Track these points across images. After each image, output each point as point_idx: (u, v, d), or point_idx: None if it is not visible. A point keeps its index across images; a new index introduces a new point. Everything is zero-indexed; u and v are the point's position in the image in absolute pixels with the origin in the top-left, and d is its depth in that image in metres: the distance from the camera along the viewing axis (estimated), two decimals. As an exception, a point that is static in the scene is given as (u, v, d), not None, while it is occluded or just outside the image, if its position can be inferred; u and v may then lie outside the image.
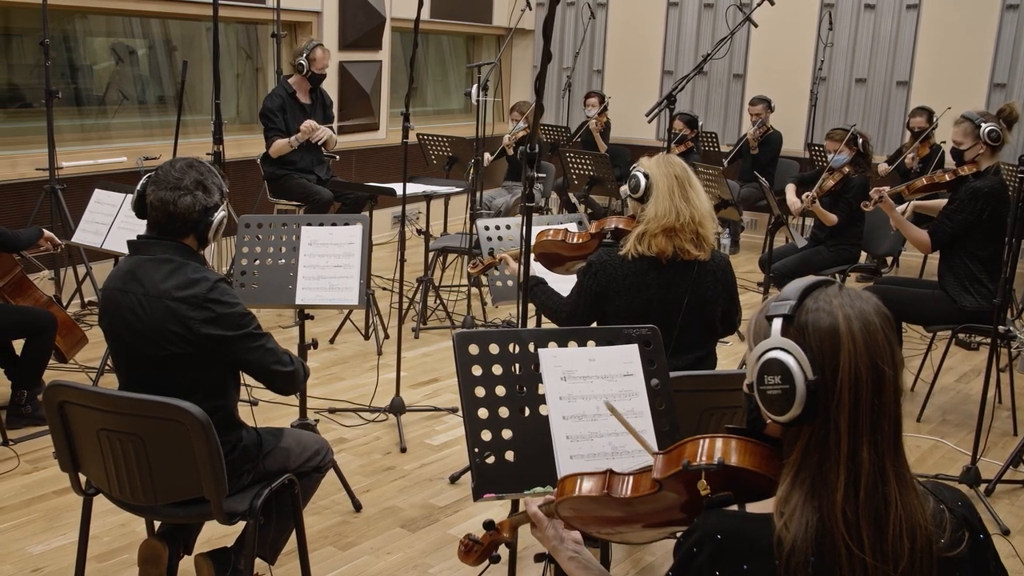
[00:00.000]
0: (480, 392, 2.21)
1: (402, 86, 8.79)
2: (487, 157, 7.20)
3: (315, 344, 3.74)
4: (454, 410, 4.69)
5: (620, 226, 3.39)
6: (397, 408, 4.51)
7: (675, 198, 3.15)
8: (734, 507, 1.46)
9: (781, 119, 8.27)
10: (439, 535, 3.58)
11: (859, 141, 5.72)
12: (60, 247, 4.68)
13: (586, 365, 2.27)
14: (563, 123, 9.22)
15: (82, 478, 2.75)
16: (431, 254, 6.13)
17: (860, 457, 1.39)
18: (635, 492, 1.63)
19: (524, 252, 2.70)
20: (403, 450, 4.29)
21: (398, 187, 4.84)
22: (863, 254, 6.41)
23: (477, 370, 2.22)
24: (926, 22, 8.15)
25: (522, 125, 7.36)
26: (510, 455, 2.19)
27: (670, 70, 9.40)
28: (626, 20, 9.63)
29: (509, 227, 4.29)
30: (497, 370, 2.24)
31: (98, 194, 5.02)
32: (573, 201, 7.25)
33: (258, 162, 6.43)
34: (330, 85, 7.75)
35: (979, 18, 7.90)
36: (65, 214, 5.59)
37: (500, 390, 2.22)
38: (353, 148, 8.16)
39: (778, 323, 1.44)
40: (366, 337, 5.76)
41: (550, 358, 2.26)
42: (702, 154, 8.21)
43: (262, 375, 2.70)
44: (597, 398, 2.24)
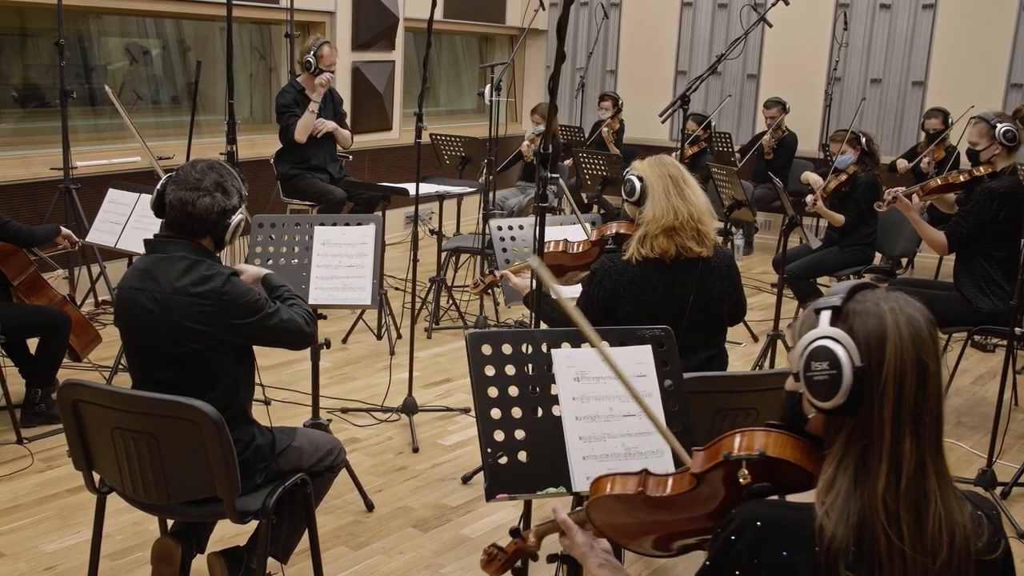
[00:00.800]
0: (493, 392, 2.20)
1: (415, 86, 8.80)
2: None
3: (328, 344, 3.74)
4: (466, 410, 4.68)
5: (621, 231, 3.38)
6: (409, 408, 4.51)
7: (671, 197, 3.13)
8: (774, 497, 1.48)
9: (795, 120, 8.23)
10: (451, 535, 3.57)
11: (862, 140, 5.70)
12: (78, 245, 4.70)
13: (599, 366, 2.26)
14: (576, 123, 9.21)
15: (96, 476, 2.75)
16: (444, 254, 6.13)
17: (902, 448, 1.41)
18: (672, 490, 1.63)
19: (538, 251, 2.70)
20: (415, 450, 4.29)
21: (411, 187, 4.84)
22: (877, 255, 6.38)
23: (490, 370, 2.22)
24: (942, 22, 8.10)
25: (542, 129, 7.34)
26: (523, 455, 2.18)
27: (683, 70, 9.37)
28: (639, 20, 9.61)
29: (522, 227, 4.27)
30: (510, 370, 2.24)
31: (112, 194, 5.04)
32: (585, 202, 7.24)
33: (271, 162, 6.44)
34: (343, 85, 7.77)
35: (996, 18, 7.85)
36: (79, 213, 5.61)
37: (513, 390, 2.22)
38: (366, 148, 8.17)
39: (827, 315, 1.48)
40: (379, 337, 5.76)
41: (563, 359, 2.25)
42: (716, 154, 8.18)
43: (279, 344, 2.82)
44: (610, 399, 2.24)
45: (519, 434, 2.20)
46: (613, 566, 1.79)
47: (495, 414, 2.20)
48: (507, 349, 2.25)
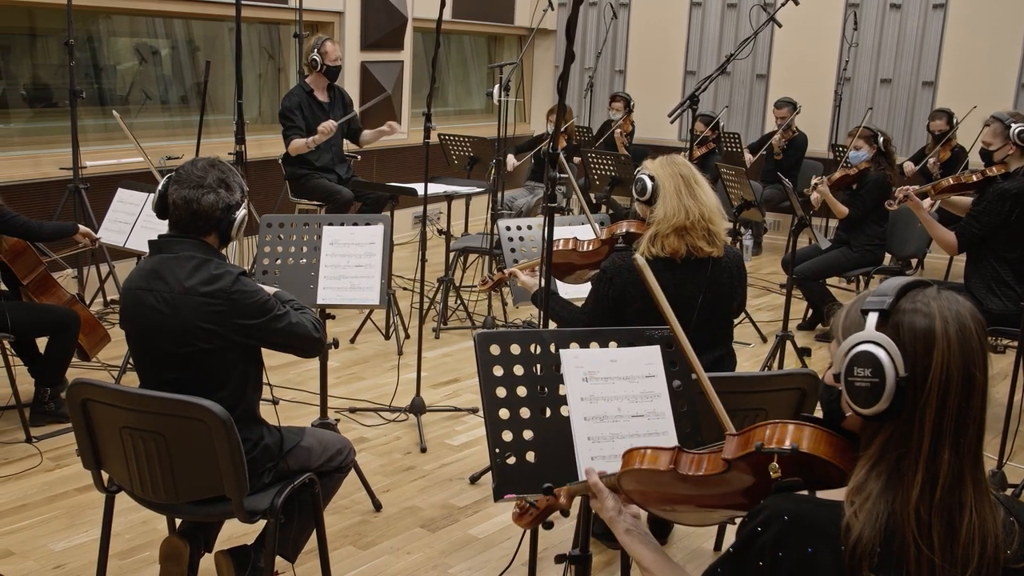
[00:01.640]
0: (501, 392, 2.20)
1: (424, 86, 8.79)
2: (511, 161, 7.19)
3: (336, 344, 3.74)
4: (474, 410, 4.68)
5: (631, 230, 3.37)
6: (417, 408, 4.51)
7: (683, 197, 3.14)
8: (803, 492, 1.47)
9: (805, 120, 8.21)
10: (459, 535, 3.57)
11: (879, 139, 5.67)
12: (98, 242, 4.72)
13: (608, 366, 2.25)
14: (585, 124, 9.20)
15: (104, 476, 2.76)
16: (452, 254, 6.13)
17: (940, 459, 1.38)
18: (703, 471, 1.63)
19: (546, 251, 2.69)
20: (423, 450, 4.28)
21: (419, 187, 4.84)
22: (887, 256, 6.35)
23: (498, 370, 2.22)
24: (952, 22, 8.06)
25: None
26: (531, 456, 2.18)
27: (693, 70, 9.35)
28: (649, 20, 9.59)
29: (531, 227, 4.27)
30: (518, 370, 2.23)
31: (121, 193, 5.05)
32: (594, 202, 7.22)
33: (279, 162, 6.45)
34: (352, 85, 7.77)
35: (1006, 18, 7.81)
36: (88, 213, 5.62)
37: (521, 390, 2.21)
38: (374, 148, 8.16)
39: (873, 317, 1.44)
40: (387, 337, 5.77)
41: (572, 359, 2.25)
42: (724, 155, 8.16)
43: (288, 348, 2.78)
44: (619, 400, 2.23)
45: (527, 434, 2.19)
46: (640, 531, 1.79)
47: (503, 414, 2.19)
48: (515, 349, 2.25)
